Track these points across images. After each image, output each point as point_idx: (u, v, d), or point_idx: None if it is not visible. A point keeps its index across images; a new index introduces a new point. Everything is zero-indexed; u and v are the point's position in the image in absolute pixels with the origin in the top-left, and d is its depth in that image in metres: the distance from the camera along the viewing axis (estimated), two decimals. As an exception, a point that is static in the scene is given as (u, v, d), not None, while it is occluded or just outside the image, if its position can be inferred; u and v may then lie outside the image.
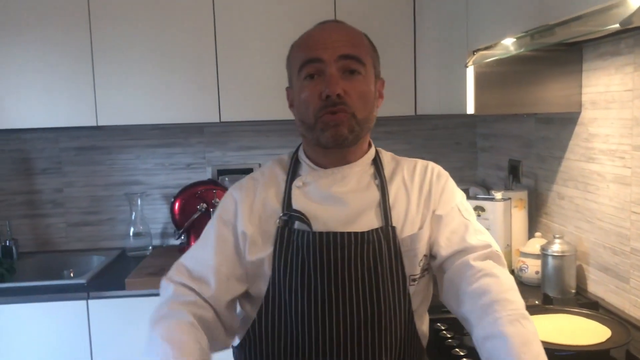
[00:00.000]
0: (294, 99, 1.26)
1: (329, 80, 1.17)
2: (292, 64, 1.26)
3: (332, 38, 1.20)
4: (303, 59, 1.20)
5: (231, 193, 1.30)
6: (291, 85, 1.28)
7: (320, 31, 1.24)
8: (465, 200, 1.30)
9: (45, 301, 2.18)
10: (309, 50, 1.20)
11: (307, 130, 1.23)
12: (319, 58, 1.18)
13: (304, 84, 1.20)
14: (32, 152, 2.77)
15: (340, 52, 1.18)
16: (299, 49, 1.24)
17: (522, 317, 1.05)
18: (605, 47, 1.72)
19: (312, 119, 1.19)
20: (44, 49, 2.37)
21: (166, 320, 1.12)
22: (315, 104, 1.18)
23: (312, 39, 1.22)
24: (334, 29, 1.24)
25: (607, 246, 1.76)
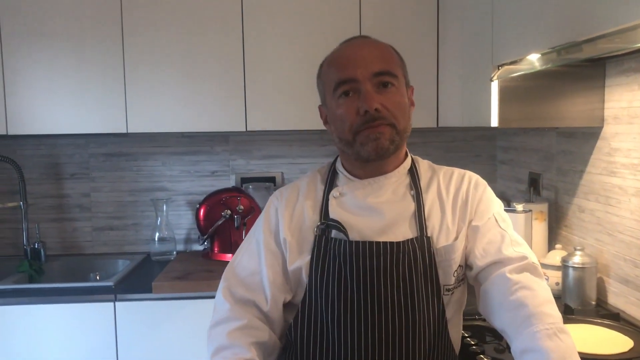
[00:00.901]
0: (329, 116, 1.29)
1: (364, 96, 1.19)
2: (325, 83, 1.28)
3: (363, 56, 1.22)
4: (337, 79, 1.23)
5: (272, 201, 1.34)
6: (324, 104, 1.31)
7: (351, 49, 1.26)
8: (502, 210, 1.30)
9: (73, 302, 2.24)
10: (343, 71, 1.22)
11: (345, 145, 1.25)
12: (353, 78, 1.21)
13: (340, 102, 1.23)
14: (61, 157, 2.84)
15: (373, 70, 1.21)
16: (331, 69, 1.26)
17: (560, 331, 1.06)
18: (628, 63, 1.75)
19: (349, 135, 1.22)
20: (77, 57, 2.44)
21: (226, 352, 1.16)
22: (353, 120, 1.21)
23: (344, 59, 1.24)
24: (364, 46, 1.26)
25: (628, 259, 1.78)
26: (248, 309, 1.24)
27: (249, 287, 1.26)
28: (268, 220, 1.31)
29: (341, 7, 2.47)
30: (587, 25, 1.25)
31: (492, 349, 1.53)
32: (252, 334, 1.20)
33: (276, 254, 1.28)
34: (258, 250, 1.29)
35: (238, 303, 1.24)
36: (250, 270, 1.28)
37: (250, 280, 1.27)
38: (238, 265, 1.30)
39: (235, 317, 1.21)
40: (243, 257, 1.31)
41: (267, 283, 1.25)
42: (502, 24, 1.77)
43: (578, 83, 1.89)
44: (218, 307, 1.26)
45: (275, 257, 1.27)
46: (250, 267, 1.28)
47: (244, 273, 1.28)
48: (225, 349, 1.16)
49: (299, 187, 1.35)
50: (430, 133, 2.90)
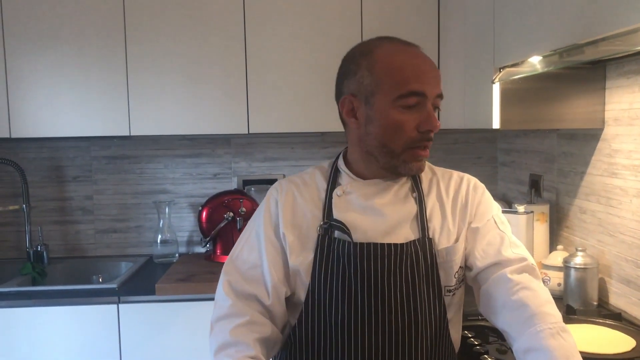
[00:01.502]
0: (371, 117, 1.22)
1: (430, 116, 1.20)
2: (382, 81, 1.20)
3: (432, 73, 1.21)
4: (409, 88, 1.18)
5: (272, 193, 1.32)
6: (366, 99, 1.22)
7: (421, 60, 1.22)
8: (501, 213, 1.32)
9: (76, 305, 2.25)
10: (417, 82, 1.19)
11: (386, 154, 1.23)
12: (425, 93, 1.19)
13: (403, 111, 1.19)
14: (64, 160, 2.85)
15: (438, 91, 1.22)
16: (399, 72, 1.19)
17: (562, 330, 1.08)
18: (629, 65, 1.77)
19: (400, 147, 1.21)
20: (80, 60, 2.46)
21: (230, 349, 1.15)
22: (411, 134, 1.20)
23: (418, 69, 1.20)
24: (430, 62, 1.23)
25: (630, 259, 1.80)
26: (250, 303, 1.23)
27: (250, 281, 1.25)
28: (268, 213, 1.30)
29: (343, 10, 2.49)
30: (588, 28, 1.26)
31: (495, 349, 1.55)
32: (255, 330, 1.19)
33: (277, 246, 1.27)
34: (258, 243, 1.28)
35: (240, 298, 1.23)
36: (251, 264, 1.27)
37: (251, 273, 1.26)
38: (238, 258, 1.29)
39: (237, 313, 1.21)
40: (243, 250, 1.30)
41: (269, 276, 1.24)
42: (503, 27, 1.79)
43: (579, 85, 1.91)
44: (220, 302, 1.25)
45: (276, 250, 1.27)
46: (250, 260, 1.27)
47: (245, 266, 1.27)
48: (229, 346, 1.16)
49: (300, 182, 1.33)
50: (431, 135, 2.91)
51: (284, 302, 1.27)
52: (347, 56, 1.28)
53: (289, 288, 1.27)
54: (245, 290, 1.24)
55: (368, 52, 1.23)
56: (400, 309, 1.21)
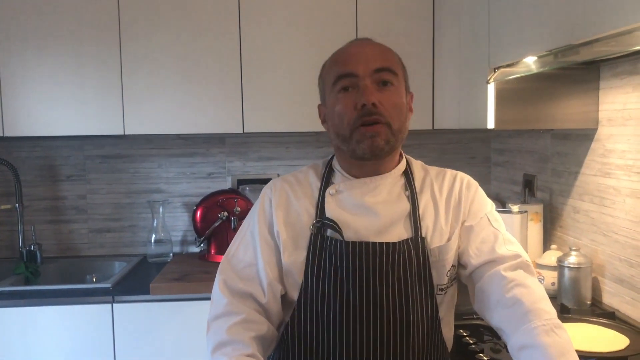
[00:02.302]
0: (327, 113, 1.30)
1: (363, 91, 1.20)
2: (325, 80, 1.29)
3: (365, 53, 1.24)
4: (337, 73, 1.24)
5: (266, 192, 1.33)
6: (324, 102, 1.32)
7: (354, 47, 1.28)
8: (494, 210, 1.32)
9: (70, 304, 2.24)
10: (343, 65, 1.24)
11: (342, 142, 1.26)
12: (354, 73, 1.22)
13: (339, 97, 1.24)
14: (57, 159, 2.84)
15: (374, 67, 1.22)
16: (333, 65, 1.27)
17: (556, 326, 1.08)
18: (622, 66, 1.78)
19: (347, 130, 1.23)
20: (74, 59, 2.45)
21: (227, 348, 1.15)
22: (350, 115, 1.21)
23: (346, 54, 1.26)
24: (367, 45, 1.28)
25: (623, 259, 1.81)
26: (246, 302, 1.24)
27: (246, 280, 1.25)
28: (263, 212, 1.31)
29: (338, 10, 2.49)
30: (583, 29, 1.27)
31: (489, 348, 1.55)
32: (252, 328, 1.19)
33: (271, 245, 1.28)
34: (253, 242, 1.29)
35: (236, 296, 1.24)
36: (247, 262, 1.27)
37: (247, 272, 1.26)
38: (233, 257, 1.30)
39: (234, 312, 1.21)
40: (239, 249, 1.30)
41: (264, 275, 1.25)
42: (498, 27, 1.80)
43: (573, 85, 1.92)
44: (216, 300, 1.25)
45: (270, 249, 1.27)
46: (246, 259, 1.28)
47: (240, 265, 1.27)
48: (225, 345, 1.16)
49: (293, 181, 1.34)
50: (425, 135, 2.92)
51: (279, 300, 1.27)
52: None
53: (284, 287, 1.28)
54: (241, 289, 1.24)
55: (324, 63, 1.33)
56: (392, 307, 1.22)
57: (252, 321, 1.21)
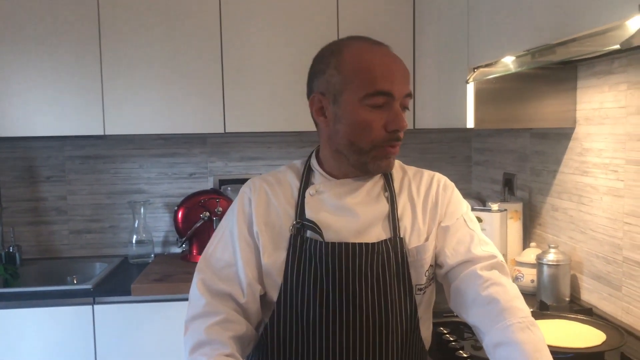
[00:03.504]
0: (339, 114, 1.22)
1: (398, 116, 1.19)
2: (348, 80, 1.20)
3: (401, 73, 1.22)
4: (376, 88, 1.18)
5: (245, 192, 1.32)
6: (334, 98, 1.22)
7: (389, 60, 1.22)
8: (470, 211, 1.34)
9: (50, 306, 2.22)
10: (384, 81, 1.19)
11: (353, 152, 1.23)
12: (392, 93, 1.19)
13: (369, 110, 1.20)
14: (37, 160, 2.81)
15: (407, 91, 1.22)
16: (367, 72, 1.20)
17: (531, 324, 1.10)
18: (599, 66, 1.81)
19: (369, 145, 1.21)
20: (53, 59, 2.43)
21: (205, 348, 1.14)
22: (379, 133, 1.20)
23: (385, 69, 1.20)
24: (399, 62, 1.24)
25: (601, 256, 1.84)
26: (225, 302, 1.23)
27: (224, 280, 1.24)
28: (242, 211, 1.30)
29: (319, 10, 2.50)
30: (560, 29, 1.29)
31: (470, 345, 1.57)
32: (230, 328, 1.19)
33: (251, 245, 1.27)
34: (232, 242, 1.28)
35: (214, 296, 1.23)
36: (225, 262, 1.26)
37: (225, 272, 1.25)
38: (212, 256, 1.28)
39: (212, 312, 1.20)
40: (217, 248, 1.29)
41: (243, 274, 1.24)
42: (477, 27, 1.82)
43: (551, 85, 1.94)
44: (194, 301, 1.24)
45: (250, 248, 1.26)
46: (225, 258, 1.27)
47: (219, 265, 1.26)
48: (204, 345, 1.15)
49: (273, 181, 1.33)
50: (406, 135, 2.87)
51: (258, 300, 1.27)
52: (317, 55, 1.28)
53: (263, 287, 1.27)
54: (219, 289, 1.24)
55: (337, 51, 1.23)
56: (371, 308, 1.22)
57: (230, 321, 1.20)
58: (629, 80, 1.67)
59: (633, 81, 1.66)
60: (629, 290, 1.71)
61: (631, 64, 1.66)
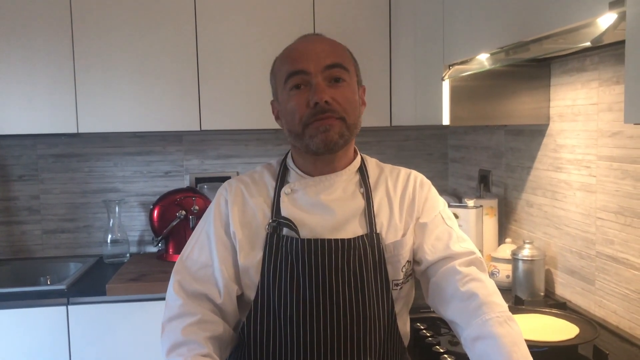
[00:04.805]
0: (280, 110, 1.29)
1: (315, 88, 1.20)
2: (277, 77, 1.29)
3: (316, 49, 1.24)
4: (288, 71, 1.23)
5: (222, 193, 1.33)
6: (276, 98, 1.31)
7: (304, 43, 1.28)
8: (447, 208, 1.35)
9: (24, 307, 2.19)
10: (294, 63, 1.23)
11: (295, 139, 1.26)
12: (305, 70, 1.21)
13: (291, 94, 1.23)
14: (8, 158, 2.76)
15: (325, 63, 1.22)
16: (283, 62, 1.27)
17: (509, 318, 1.12)
18: (572, 63, 1.83)
19: (299, 127, 1.23)
20: (25, 54, 2.38)
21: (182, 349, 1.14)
22: (302, 112, 1.22)
23: (297, 52, 1.25)
24: (317, 41, 1.28)
25: (574, 250, 1.86)
26: (201, 302, 1.23)
27: (201, 281, 1.24)
28: (219, 212, 1.30)
29: (295, 7, 2.49)
30: (533, 26, 1.30)
31: (447, 340, 1.58)
32: (207, 328, 1.19)
33: (227, 245, 1.27)
34: (209, 243, 1.28)
35: (190, 297, 1.23)
36: (202, 263, 1.26)
37: (202, 273, 1.25)
38: (188, 258, 1.28)
39: (188, 312, 1.20)
40: (194, 250, 1.29)
41: (220, 275, 1.24)
42: (452, 25, 1.83)
43: (525, 82, 1.97)
44: (170, 302, 1.24)
45: (226, 249, 1.27)
46: (201, 260, 1.27)
47: (195, 266, 1.26)
48: (180, 346, 1.15)
49: (249, 181, 1.34)
50: (383, 132, 2.94)
51: (235, 300, 1.26)
52: None
53: (240, 287, 1.27)
54: (196, 290, 1.24)
55: (275, 59, 1.32)
56: (349, 303, 1.23)
57: (207, 321, 1.20)
58: (601, 77, 1.70)
59: (604, 78, 1.69)
60: (601, 285, 1.74)
61: (602, 61, 1.69)
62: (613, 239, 1.68)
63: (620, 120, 1.63)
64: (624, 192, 1.63)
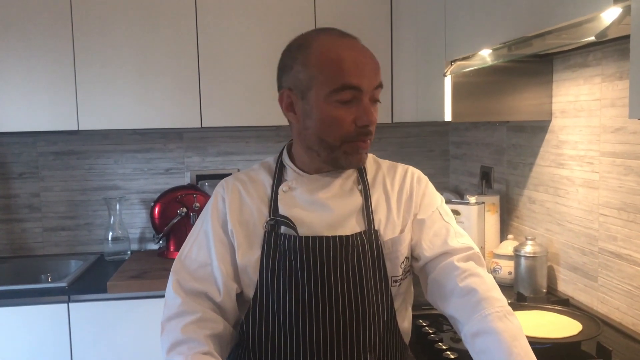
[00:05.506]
0: (308, 109, 1.21)
1: (367, 110, 1.18)
2: (314, 75, 1.18)
3: (369, 65, 1.20)
4: (343, 82, 1.16)
5: (219, 191, 1.32)
6: (303, 95, 1.21)
7: (357, 54, 1.20)
8: (444, 204, 1.35)
9: (24, 305, 2.18)
10: (351, 76, 1.17)
11: (323, 148, 1.22)
12: (360, 87, 1.17)
13: (337, 106, 1.18)
14: (8, 156, 2.76)
15: (376, 83, 1.20)
16: (334, 66, 1.17)
17: (508, 313, 1.12)
18: (574, 59, 1.82)
19: (339, 141, 1.20)
20: (25, 53, 2.37)
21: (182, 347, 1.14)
22: (348, 129, 1.18)
23: (352, 63, 1.18)
24: (366, 53, 1.21)
25: (577, 247, 1.85)
26: (201, 301, 1.22)
27: (200, 279, 1.24)
28: (216, 210, 1.29)
29: (296, 3, 2.48)
30: (536, 21, 1.29)
31: (449, 337, 1.58)
32: (207, 327, 1.18)
33: (226, 244, 1.26)
34: (207, 241, 1.27)
35: (190, 296, 1.22)
36: (200, 262, 1.26)
37: (201, 272, 1.25)
38: (187, 257, 1.28)
39: (188, 311, 1.20)
40: (192, 249, 1.29)
41: (219, 274, 1.24)
42: (454, 20, 1.82)
43: (527, 78, 1.96)
44: (169, 301, 1.23)
45: (225, 247, 1.26)
46: (200, 258, 1.26)
47: (194, 265, 1.26)
48: (180, 344, 1.15)
49: (246, 179, 1.33)
50: (385, 129, 2.93)
51: (234, 298, 1.26)
52: (285, 50, 1.26)
53: (239, 285, 1.27)
54: (195, 288, 1.23)
55: (304, 46, 1.21)
56: (348, 300, 1.22)
57: (207, 320, 1.20)
58: (604, 73, 1.69)
59: (607, 74, 1.68)
60: (604, 281, 1.73)
61: (605, 57, 1.68)
62: (616, 235, 1.67)
63: (623, 116, 1.62)
64: (627, 188, 1.62)
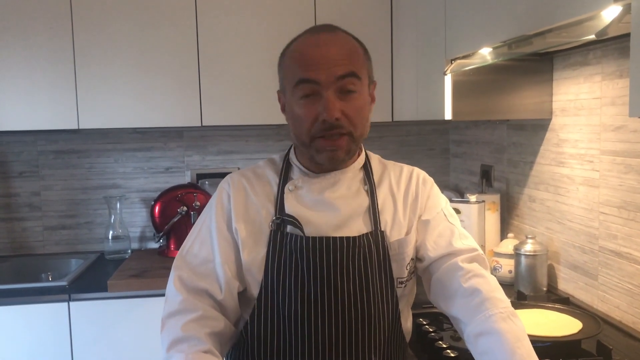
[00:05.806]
0: (287, 110, 1.24)
1: (325, 104, 1.15)
2: (285, 75, 1.23)
3: (329, 56, 1.16)
4: (299, 77, 1.17)
5: (224, 187, 1.30)
6: (284, 92, 1.25)
7: (316, 48, 1.18)
8: (449, 206, 1.35)
9: (25, 304, 2.18)
10: (305, 70, 1.16)
11: (301, 145, 1.24)
12: (316, 80, 1.15)
13: (300, 102, 1.19)
14: (8, 155, 2.76)
15: (338, 74, 1.15)
16: (293, 63, 1.20)
17: (512, 314, 1.12)
18: (575, 57, 1.82)
19: (306, 138, 1.20)
20: (25, 51, 2.37)
21: (182, 345, 1.13)
22: (311, 125, 1.18)
23: (308, 57, 1.17)
24: (330, 45, 1.18)
25: (577, 245, 1.85)
26: (202, 298, 1.21)
27: (201, 276, 1.23)
28: (221, 207, 1.28)
29: (296, 2, 2.47)
30: (536, 20, 1.29)
31: (449, 336, 1.57)
32: (208, 325, 1.17)
33: (229, 241, 1.25)
34: (210, 238, 1.26)
35: (191, 293, 1.21)
36: (203, 259, 1.24)
37: (203, 268, 1.23)
38: (189, 253, 1.26)
39: (189, 309, 1.18)
40: (194, 244, 1.27)
41: (221, 271, 1.22)
42: (454, 19, 1.81)
43: (528, 77, 1.96)
44: (170, 298, 1.22)
45: (228, 245, 1.25)
46: (202, 255, 1.25)
47: (196, 261, 1.24)
48: (181, 342, 1.14)
49: (252, 176, 1.32)
50: (385, 127, 2.93)
51: (236, 296, 1.25)
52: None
53: (242, 283, 1.26)
54: (196, 286, 1.22)
55: (285, 49, 1.25)
56: (353, 301, 1.22)
57: (208, 317, 1.19)
58: (604, 71, 1.69)
59: (607, 72, 1.67)
60: (604, 279, 1.73)
61: (605, 55, 1.68)
62: (616, 233, 1.67)
63: (623, 114, 1.62)
64: (627, 186, 1.62)
